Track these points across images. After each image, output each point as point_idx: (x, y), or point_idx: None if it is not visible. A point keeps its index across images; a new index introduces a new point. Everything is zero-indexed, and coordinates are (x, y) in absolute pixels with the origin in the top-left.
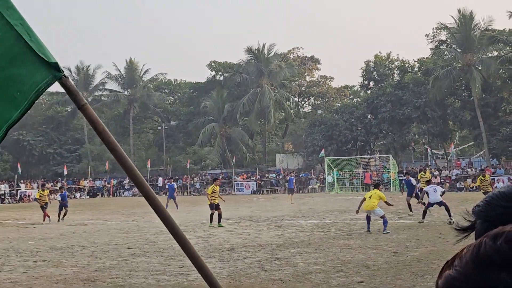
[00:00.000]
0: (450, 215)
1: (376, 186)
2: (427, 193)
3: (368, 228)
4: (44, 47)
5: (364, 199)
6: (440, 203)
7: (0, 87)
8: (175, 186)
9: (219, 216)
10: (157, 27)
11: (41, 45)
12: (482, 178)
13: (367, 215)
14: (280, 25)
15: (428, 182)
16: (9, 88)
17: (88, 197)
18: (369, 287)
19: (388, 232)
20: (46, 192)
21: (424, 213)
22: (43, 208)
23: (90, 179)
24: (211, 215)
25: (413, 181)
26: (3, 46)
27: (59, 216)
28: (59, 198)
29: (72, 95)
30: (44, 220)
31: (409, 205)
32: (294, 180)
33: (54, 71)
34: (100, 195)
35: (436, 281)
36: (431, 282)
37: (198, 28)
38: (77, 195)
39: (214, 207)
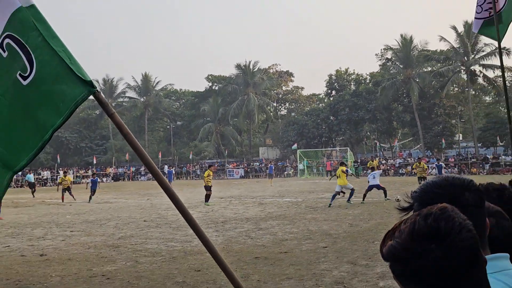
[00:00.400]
0: (386, 196)
1: (341, 164)
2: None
3: (330, 204)
4: (81, 68)
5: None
6: (378, 187)
7: (48, 99)
8: (173, 172)
9: (208, 196)
10: (166, 47)
11: (79, 67)
12: (418, 164)
13: (335, 192)
14: (263, 45)
15: (372, 169)
16: (54, 100)
17: (113, 181)
18: (331, 251)
19: (350, 203)
20: (68, 178)
21: (364, 195)
22: (65, 190)
23: (114, 167)
24: (207, 195)
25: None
26: (50, 67)
27: (90, 197)
28: (90, 184)
29: (103, 105)
30: (62, 201)
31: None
32: (273, 168)
33: (89, 87)
34: (122, 179)
35: (380, 246)
36: (377, 247)
37: (199, 48)
38: (104, 179)
39: (209, 188)
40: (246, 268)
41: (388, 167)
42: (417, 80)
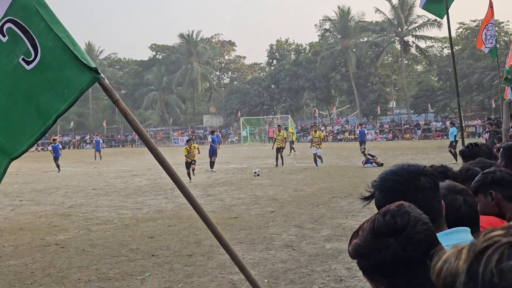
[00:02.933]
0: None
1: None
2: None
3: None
4: (85, 55)
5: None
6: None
7: (53, 85)
8: (101, 141)
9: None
10: (110, 15)
11: (83, 53)
12: (314, 133)
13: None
14: (206, 15)
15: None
16: (59, 86)
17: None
18: (279, 215)
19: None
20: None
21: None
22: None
23: (59, 135)
24: (188, 173)
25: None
26: (54, 53)
27: (57, 166)
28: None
29: (108, 92)
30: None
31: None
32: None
33: (94, 73)
34: (67, 147)
35: (348, 247)
36: (324, 211)
37: (142, 16)
38: (49, 148)
39: (189, 165)
40: (198, 234)
41: (327, 134)
42: (354, 50)
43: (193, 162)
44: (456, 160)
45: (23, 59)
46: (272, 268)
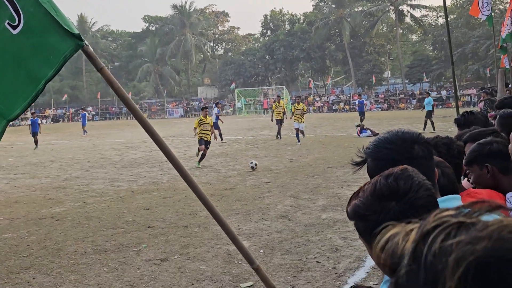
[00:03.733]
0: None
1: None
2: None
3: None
4: (68, 21)
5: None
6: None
7: (38, 50)
8: (87, 115)
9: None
10: None
11: (65, 19)
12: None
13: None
14: None
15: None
16: (45, 52)
17: (52, 122)
18: (274, 185)
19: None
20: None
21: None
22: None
23: (53, 108)
24: (200, 153)
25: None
26: (36, 19)
27: (35, 142)
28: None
29: (92, 59)
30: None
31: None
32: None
33: (78, 40)
34: (61, 120)
35: (346, 208)
36: (319, 181)
37: None
38: (44, 121)
39: (204, 143)
40: (194, 205)
41: (322, 104)
42: (349, 20)
43: (208, 143)
44: (434, 129)
45: (8, 24)
46: (268, 239)
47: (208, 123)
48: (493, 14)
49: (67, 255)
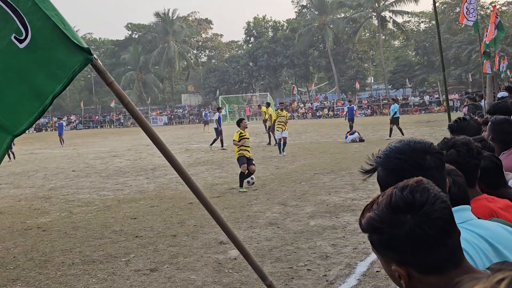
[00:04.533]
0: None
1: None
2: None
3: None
4: (76, 35)
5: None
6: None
7: (46, 65)
8: (64, 124)
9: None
10: None
11: (74, 33)
12: (280, 112)
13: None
14: None
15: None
16: (52, 66)
17: (35, 131)
18: (261, 193)
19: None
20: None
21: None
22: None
23: None
24: (242, 174)
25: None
26: (44, 33)
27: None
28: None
29: (101, 74)
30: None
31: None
32: (208, 114)
33: (87, 54)
34: (44, 129)
35: (359, 220)
36: (306, 187)
37: None
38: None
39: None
40: (181, 214)
41: (306, 111)
42: (332, 26)
43: (251, 159)
44: (403, 134)
45: (15, 37)
46: (258, 247)
47: (248, 138)
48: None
49: (55, 266)
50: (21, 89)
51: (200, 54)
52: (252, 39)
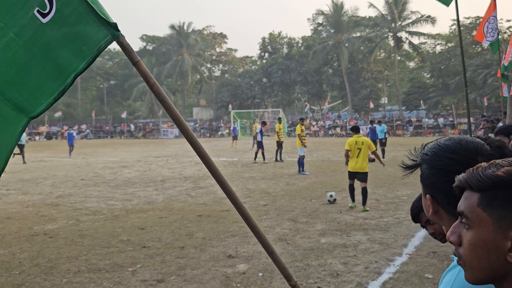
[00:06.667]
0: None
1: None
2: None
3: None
4: (104, 9)
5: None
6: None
7: (71, 41)
8: (74, 134)
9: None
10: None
11: (101, 7)
12: (302, 127)
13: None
14: (197, 5)
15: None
16: (77, 42)
17: (46, 139)
18: (272, 208)
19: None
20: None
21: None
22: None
23: (47, 125)
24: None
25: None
26: (71, 6)
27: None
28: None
29: (128, 52)
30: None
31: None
32: (237, 128)
33: (114, 30)
34: (55, 138)
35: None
36: (317, 205)
37: (132, 6)
38: (37, 138)
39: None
40: (190, 226)
41: (318, 128)
42: (347, 45)
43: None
44: (384, 157)
45: (38, 11)
46: (267, 262)
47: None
48: (500, 38)
49: (60, 273)
50: (44, 67)
51: (213, 68)
52: (266, 54)
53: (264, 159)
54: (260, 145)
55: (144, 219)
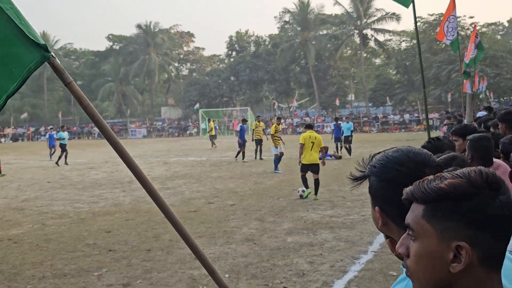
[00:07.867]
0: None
1: (310, 127)
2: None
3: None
4: (33, 30)
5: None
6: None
7: (1, 63)
8: (54, 135)
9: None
10: (64, 4)
11: (30, 28)
12: (277, 126)
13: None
14: (164, 4)
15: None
16: (6, 64)
17: (11, 141)
18: (239, 208)
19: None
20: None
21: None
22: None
23: (13, 127)
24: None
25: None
26: None
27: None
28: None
29: (59, 73)
30: None
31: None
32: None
33: (44, 51)
34: (21, 139)
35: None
36: (284, 203)
37: (98, 5)
38: (2, 140)
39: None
40: (157, 228)
41: (286, 126)
42: (314, 42)
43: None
44: (350, 155)
45: None
46: (233, 263)
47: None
48: (459, 37)
49: (25, 280)
50: None
51: (181, 67)
52: (234, 53)
53: (236, 158)
54: (243, 144)
55: (110, 221)
